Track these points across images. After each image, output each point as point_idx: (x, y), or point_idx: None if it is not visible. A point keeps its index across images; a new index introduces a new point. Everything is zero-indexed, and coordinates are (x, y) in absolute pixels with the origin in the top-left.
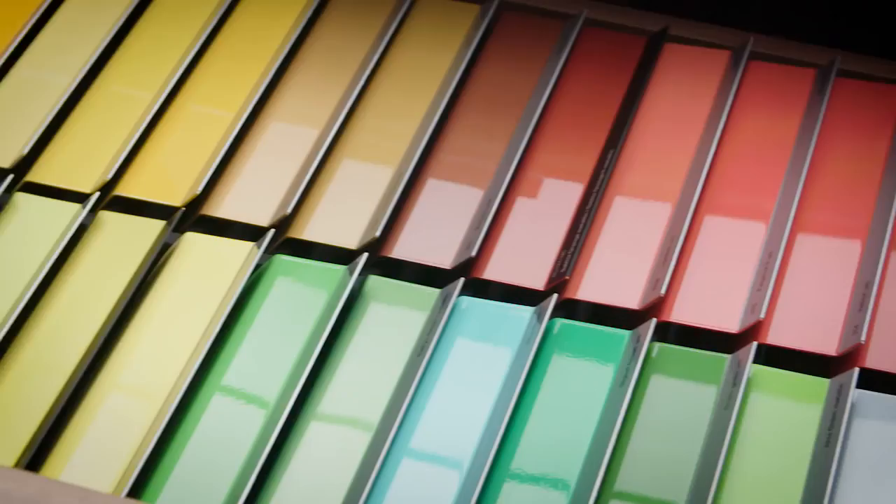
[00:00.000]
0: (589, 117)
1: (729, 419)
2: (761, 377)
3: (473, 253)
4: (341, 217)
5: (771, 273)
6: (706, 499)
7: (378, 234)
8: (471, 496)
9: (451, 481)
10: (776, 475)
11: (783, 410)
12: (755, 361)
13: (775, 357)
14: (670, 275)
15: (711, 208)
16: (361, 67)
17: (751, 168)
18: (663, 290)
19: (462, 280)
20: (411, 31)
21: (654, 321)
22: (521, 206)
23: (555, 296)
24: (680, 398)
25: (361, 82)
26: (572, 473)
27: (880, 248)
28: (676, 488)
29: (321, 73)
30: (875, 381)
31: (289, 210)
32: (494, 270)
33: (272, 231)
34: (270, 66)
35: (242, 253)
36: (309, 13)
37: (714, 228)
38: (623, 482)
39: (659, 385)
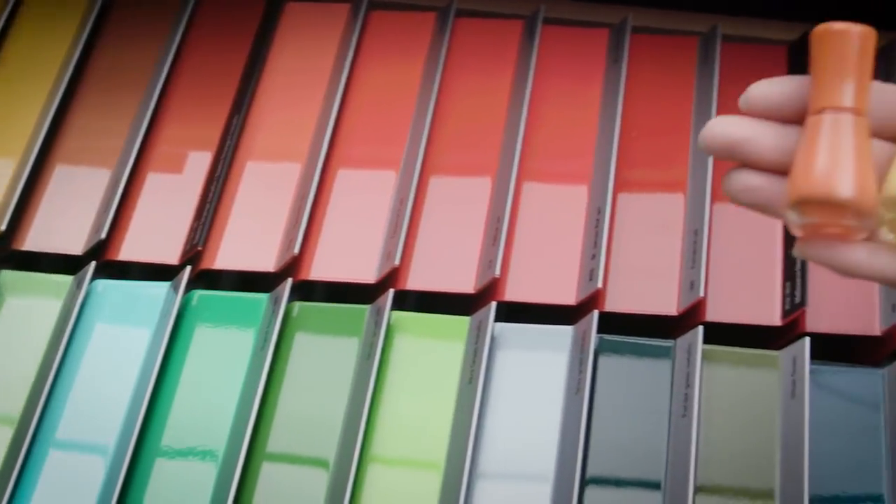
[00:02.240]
0: (212, 85)
1: (371, 368)
2: (403, 323)
3: (103, 235)
4: None
5: (403, 219)
6: (353, 450)
7: (3, 227)
8: (117, 479)
9: (98, 467)
10: (424, 417)
11: (426, 352)
12: (401, 309)
13: (423, 301)
14: (303, 234)
15: (342, 162)
16: None
17: (378, 118)
18: (296, 250)
19: (94, 264)
20: (22, 22)
21: (289, 281)
22: (152, 183)
23: (188, 268)
24: (324, 354)
25: None
26: (220, 443)
27: (509, 180)
28: (326, 443)
29: None
30: (514, 312)
31: None
32: (129, 250)
33: None
34: None
35: None
36: None
37: (346, 182)
38: (274, 444)
39: (302, 343)
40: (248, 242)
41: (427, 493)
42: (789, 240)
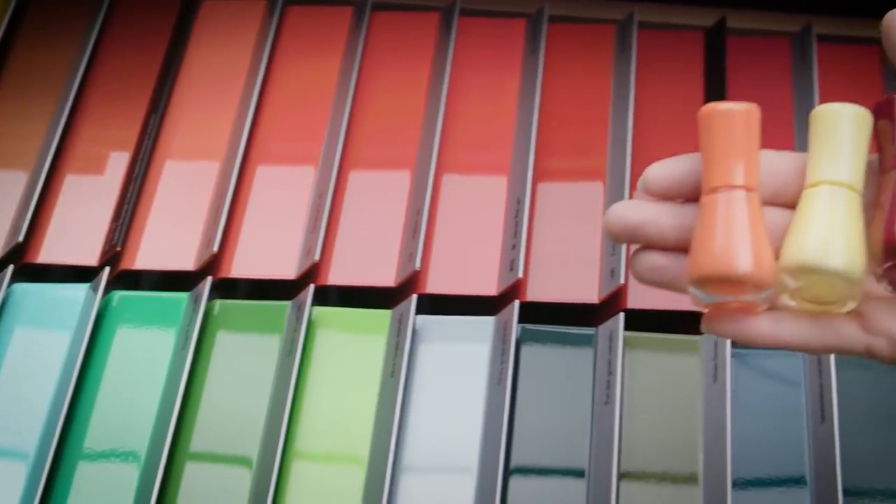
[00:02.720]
0: (129, 85)
1: (293, 364)
2: (324, 318)
3: (21, 238)
4: None
5: (322, 214)
6: (276, 447)
7: None
8: (38, 484)
9: (19, 472)
10: (347, 412)
11: (348, 347)
12: (325, 304)
13: (345, 296)
14: (222, 231)
15: (260, 159)
16: None
17: (296, 114)
18: (216, 248)
19: (12, 268)
20: None
21: (209, 279)
22: (70, 184)
23: (107, 269)
24: (246, 351)
25: None
26: (142, 444)
27: (427, 173)
28: (248, 441)
29: None
30: (437, 304)
31: None
32: (48, 253)
33: None
34: None
35: None
36: None
37: (264, 179)
38: (196, 444)
39: (224, 341)
40: (167, 242)
41: (351, 488)
42: None
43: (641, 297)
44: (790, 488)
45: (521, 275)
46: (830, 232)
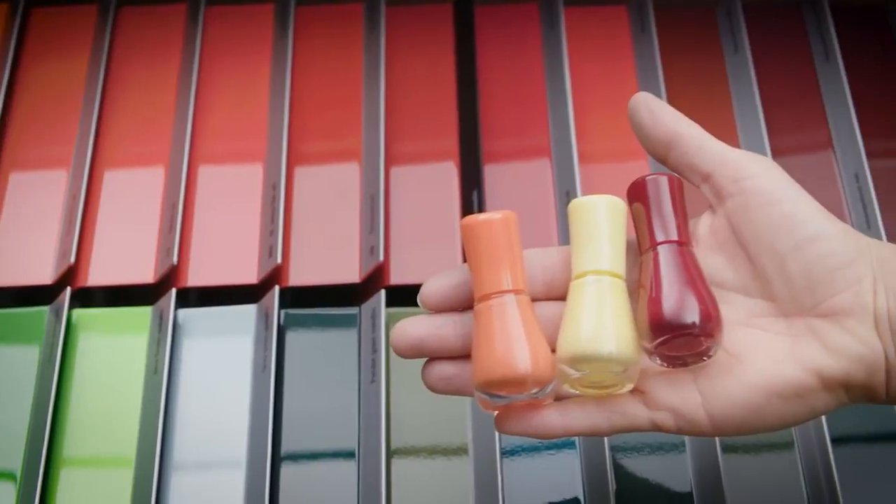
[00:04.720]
0: None
1: (53, 371)
2: (84, 320)
3: None
4: None
5: (76, 216)
6: (40, 457)
7: None
8: None
9: None
10: (113, 413)
11: (111, 347)
12: (90, 306)
13: (110, 296)
14: None
15: (13, 166)
16: None
17: (46, 116)
18: None
19: None
20: None
21: None
22: None
23: None
24: (5, 362)
25: None
26: None
27: (181, 167)
28: (12, 455)
29: None
30: (201, 297)
31: None
32: None
33: None
34: None
35: None
36: None
37: (18, 185)
38: None
39: None
40: None
41: (120, 490)
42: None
43: (402, 273)
44: (560, 451)
45: (279, 261)
46: (599, 320)
